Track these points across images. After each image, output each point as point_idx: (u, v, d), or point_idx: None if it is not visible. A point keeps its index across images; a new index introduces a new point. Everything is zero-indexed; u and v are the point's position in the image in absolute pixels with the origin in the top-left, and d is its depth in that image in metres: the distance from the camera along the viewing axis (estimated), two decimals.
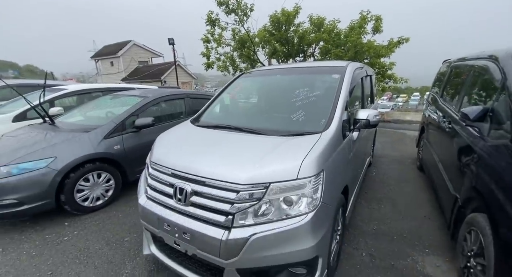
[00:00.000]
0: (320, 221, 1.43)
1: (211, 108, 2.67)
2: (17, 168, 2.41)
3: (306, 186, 1.42)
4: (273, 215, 1.39)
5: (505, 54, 1.97)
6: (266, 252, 1.35)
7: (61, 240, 2.38)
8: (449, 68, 3.56)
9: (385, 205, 2.99)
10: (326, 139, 1.69)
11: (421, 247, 2.22)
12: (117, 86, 6.04)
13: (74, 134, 2.88)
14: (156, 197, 1.72)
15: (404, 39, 8.97)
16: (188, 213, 1.53)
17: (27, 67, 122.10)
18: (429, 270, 1.96)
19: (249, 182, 1.41)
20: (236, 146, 1.79)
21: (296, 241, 1.36)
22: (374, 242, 2.30)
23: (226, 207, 1.42)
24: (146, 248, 1.88)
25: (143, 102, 3.51)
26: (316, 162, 1.47)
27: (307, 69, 2.89)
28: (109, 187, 3.05)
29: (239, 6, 9.71)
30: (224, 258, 1.38)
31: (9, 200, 2.34)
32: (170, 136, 2.18)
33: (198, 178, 1.54)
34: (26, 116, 4.27)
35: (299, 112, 2.09)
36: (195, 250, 1.48)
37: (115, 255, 2.16)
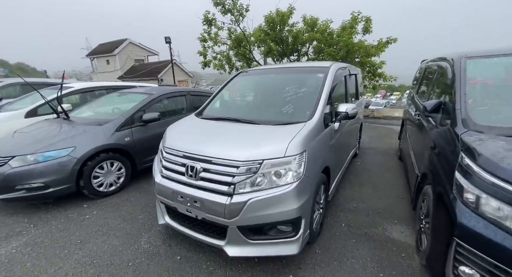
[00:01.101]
0: (302, 190, 1.83)
1: (213, 103, 3.05)
2: (42, 156, 2.75)
3: (291, 162, 1.81)
4: (266, 184, 1.78)
5: (458, 57, 2.38)
6: (260, 212, 1.74)
7: (83, 218, 2.73)
8: (423, 67, 3.99)
9: (366, 188, 3.41)
10: (309, 127, 2.09)
11: (391, 219, 2.64)
12: (119, 84, 6.33)
13: (89, 127, 3.22)
14: (170, 175, 2.09)
15: (392, 39, 9.42)
16: (198, 186, 1.91)
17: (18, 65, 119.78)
18: (395, 235, 2.38)
19: (247, 159, 1.79)
20: (236, 133, 2.17)
21: (283, 204, 1.75)
22: (353, 216, 2.71)
23: (229, 179, 1.80)
24: (161, 219, 2.25)
25: (149, 99, 3.86)
26: (300, 144, 1.87)
27: (296, 69, 3.28)
28: (120, 174, 3.40)
29: (235, 6, 10.03)
30: (228, 218, 1.76)
31: (37, 183, 2.69)
32: (179, 126, 2.56)
33: (206, 158, 1.92)
34: (37, 112, 4.57)
35: (289, 106, 2.48)
36: (204, 215, 1.86)
37: (132, 229, 2.53)
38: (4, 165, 2.66)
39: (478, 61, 2.20)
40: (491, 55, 2.22)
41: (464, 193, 1.41)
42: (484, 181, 1.33)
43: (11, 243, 2.31)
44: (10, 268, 2.00)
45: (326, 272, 1.94)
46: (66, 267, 2.00)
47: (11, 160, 2.68)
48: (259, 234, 1.84)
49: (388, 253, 2.14)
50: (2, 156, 2.72)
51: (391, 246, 2.23)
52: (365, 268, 1.98)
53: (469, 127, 1.71)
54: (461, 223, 1.35)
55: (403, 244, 2.25)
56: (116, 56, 21.85)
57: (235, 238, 1.83)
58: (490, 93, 1.93)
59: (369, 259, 2.07)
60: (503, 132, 1.58)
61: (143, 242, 2.31)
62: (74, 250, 2.20)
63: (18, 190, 2.66)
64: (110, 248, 2.23)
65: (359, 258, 2.09)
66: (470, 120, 1.75)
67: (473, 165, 1.41)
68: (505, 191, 1.23)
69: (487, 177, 1.32)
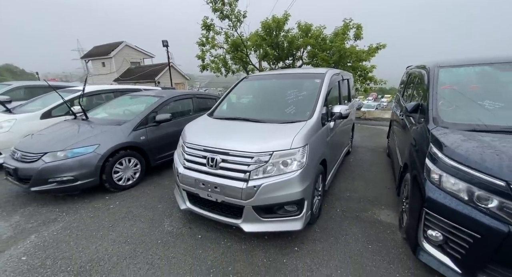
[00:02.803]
0: (305, 176, 2.22)
1: (222, 105, 3.43)
2: (71, 152, 3.07)
3: (296, 153, 2.20)
4: (275, 172, 2.16)
5: (432, 65, 2.83)
6: (271, 194, 2.12)
7: (108, 207, 3.05)
8: (408, 73, 4.47)
9: (358, 181, 3.84)
10: (310, 125, 2.49)
11: (379, 205, 3.06)
12: (125, 87, 6.61)
13: (109, 126, 3.55)
14: (192, 167, 2.46)
15: (381, 45, 10.01)
16: (218, 174, 2.28)
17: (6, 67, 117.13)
18: (382, 217, 2.80)
19: (260, 151, 2.18)
20: (248, 130, 2.56)
21: (290, 187, 2.14)
22: (346, 203, 3.12)
23: (245, 168, 2.18)
24: (183, 205, 2.61)
25: (161, 101, 4.20)
26: (303, 138, 2.27)
27: (296, 75, 3.70)
28: (136, 170, 3.73)
29: (232, 12, 10.44)
30: (244, 199, 2.14)
31: (67, 177, 3.00)
32: (196, 125, 2.93)
33: (224, 151, 2.29)
34: (51, 114, 4.85)
35: (291, 107, 2.89)
36: (223, 198, 2.23)
37: (154, 215, 2.87)
38: (38, 161, 2.96)
39: (448, 70, 2.65)
40: (458, 65, 2.68)
41: (431, 174, 1.82)
42: (445, 164, 1.75)
43: (50, 227, 2.63)
44: (56, 246, 2.32)
45: (324, 245, 2.33)
46: (105, 245, 2.33)
47: (44, 156, 2.99)
48: (270, 213, 2.22)
49: (376, 230, 2.55)
50: (35, 152, 3.03)
51: (379, 225, 2.64)
52: (356, 241, 2.38)
53: (438, 123, 2.14)
54: (429, 196, 1.76)
55: (389, 224, 2.66)
56: (112, 59, 21.97)
57: (250, 216, 2.20)
58: (456, 97, 2.37)
59: (360, 235, 2.47)
60: (462, 127, 2.01)
61: (166, 225, 2.66)
62: (107, 232, 2.53)
63: (50, 183, 2.97)
64: (138, 230, 2.57)
65: (352, 235, 2.49)
66: (439, 118, 2.18)
67: (438, 152, 1.83)
68: (459, 170, 1.65)
69: (447, 160, 1.74)
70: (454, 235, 1.61)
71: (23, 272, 2.03)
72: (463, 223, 1.56)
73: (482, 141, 1.75)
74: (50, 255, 2.22)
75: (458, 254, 1.60)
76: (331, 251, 2.25)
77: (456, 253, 1.61)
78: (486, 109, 2.11)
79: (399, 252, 2.22)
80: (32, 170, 2.94)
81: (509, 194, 1.40)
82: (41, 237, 2.48)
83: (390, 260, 2.12)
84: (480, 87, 2.41)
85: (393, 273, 1.98)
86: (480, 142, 1.74)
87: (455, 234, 1.61)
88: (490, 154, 1.58)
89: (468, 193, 1.57)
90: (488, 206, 1.48)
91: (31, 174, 2.94)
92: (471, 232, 1.51)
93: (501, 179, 1.43)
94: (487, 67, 2.51)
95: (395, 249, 2.26)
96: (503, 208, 1.43)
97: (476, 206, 1.52)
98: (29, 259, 2.18)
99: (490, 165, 1.51)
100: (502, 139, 1.74)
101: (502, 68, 2.41)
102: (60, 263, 2.12)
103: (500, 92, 2.28)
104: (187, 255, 2.20)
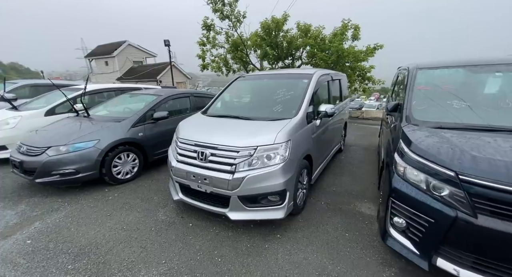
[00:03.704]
0: (287, 169, 2.40)
1: (215, 103, 3.62)
2: (73, 147, 3.28)
3: (279, 148, 2.39)
4: (259, 165, 2.35)
5: (412, 66, 3.00)
6: (255, 185, 2.31)
7: (106, 199, 3.26)
8: (397, 73, 4.63)
9: (345, 176, 4.01)
10: (294, 122, 2.67)
11: (362, 199, 3.24)
12: (126, 86, 6.84)
13: (109, 123, 3.76)
14: (184, 160, 2.65)
15: (379, 45, 10.13)
16: (207, 167, 2.48)
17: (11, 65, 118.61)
18: (363, 210, 2.97)
19: (245, 146, 2.37)
20: (236, 126, 2.75)
21: (272, 179, 2.33)
22: (331, 197, 3.30)
23: (231, 161, 2.37)
24: (176, 195, 2.80)
25: (159, 99, 4.41)
26: (286, 134, 2.45)
27: (286, 75, 3.88)
28: (134, 165, 3.93)
29: (232, 13, 10.63)
30: (230, 190, 2.33)
31: (69, 169, 3.21)
32: (189, 122, 3.13)
33: (213, 145, 2.49)
34: (55, 111, 5.07)
35: (279, 106, 3.07)
36: (212, 188, 2.43)
37: (150, 206, 3.08)
38: (42, 154, 3.18)
39: (425, 71, 2.82)
40: (435, 66, 2.84)
41: (397, 167, 2.00)
42: (409, 157, 1.92)
43: (53, 215, 2.84)
44: (58, 231, 2.54)
45: (305, 233, 2.52)
46: (103, 231, 2.54)
47: (48, 150, 3.20)
48: (254, 202, 2.41)
49: (355, 221, 2.73)
50: (40, 146, 3.25)
51: (359, 217, 2.82)
52: (335, 230, 2.56)
53: (410, 121, 2.31)
54: (394, 187, 1.94)
55: (368, 216, 2.84)
56: (115, 58, 22.27)
57: (236, 206, 2.39)
58: (429, 97, 2.53)
59: (340, 225, 2.66)
60: (430, 125, 2.18)
61: (160, 215, 2.86)
62: (106, 220, 2.74)
63: (53, 175, 3.18)
64: (134, 219, 2.78)
65: (332, 224, 2.67)
66: (412, 117, 2.35)
67: (405, 147, 2.01)
68: (420, 163, 1.82)
69: (411, 154, 1.91)
70: (414, 221, 1.79)
71: (28, 253, 2.24)
72: (421, 210, 1.73)
73: (443, 137, 1.92)
74: (53, 239, 2.43)
75: (416, 238, 1.78)
76: (311, 238, 2.44)
77: (415, 237, 1.79)
78: (453, 108, 2.28)
79: (373, 240, 2.40)
80: (36, 163, 3.16)
81: (457, 183, 1.57)
82: (45, 223, 2.69)
83: (364, 246, 2.30)
84: (451, 88, 2.57)
85: (363, 257, 2.16)
86: (440, 138, 1.91)
87: (415, 220, 1.78)
88: (445, 148, 1.75)
89: (426, 183, 1.75)
90: (441, 194, 1.65)
91: (36, 167, 3.16)
92: (427, 217, 1.69)
93: (451, 169, 1.61)
94: (460, 69, 2.67)
95: (370, 237, 2.44)
96: (453, 196, 1.60)
97: (432, 194, 1.70)
98: (33, 242, 2.39)
99: (444, 157, 1.68)
100: (460, 135, 1.91)
101: (474, 70, 2.57)
102: (61, 246, 2.33)
103: (467, 93, 2.44)
104: (178, 241, 2.40)
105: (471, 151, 1.66)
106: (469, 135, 1.88)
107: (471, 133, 1.91)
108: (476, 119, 2.09)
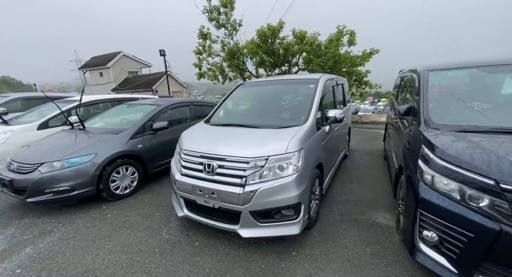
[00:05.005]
0: (301, 180, 2.23)
1: (218, 112, 3.47)
2: (68, 162, 3.07)
3: (292, 158, 2.23)
4: (271, 176, 2.18)
5: (422, 69, 2.90)
6: (267, 199, 2.13)
7: (105, 217, 3.04)
8: (400, 77, 4.56)
9: (355, 184, 3.85)
10: (304, 129, 2.52)
11: (377, 208, 3.07)
12: (122, 96, 6.65)
13: (107, 135, 3.56)
14: (189, 173, 2.47)
15: (375, 50, 10.20)
16: (214, 180, 2.29)
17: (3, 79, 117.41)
18: (380, 220, 2.80)
19: (256, 156, 2.20)
20: (244, 135, 2.59)
21: (286, 191, 2.15)
22: (344, 207, 3.13)
23: (241, 173, 2.20)
24: (180, 212, 2.60)
25: (158, 109, 4.24)
26: (298, 142, 2.29)
27: (290, 81, 3.77)
28: (134, 179, 3.72)
29: (228, 21, 10.64)
30: (241, 204, 2.14)
31: (64, 187, 2.99)
32: (193, 132, 2.95)
33: (220, 157, 2.31)
34: (48, 124, 4.85)
35: (286, 112, 2.93)
36: (220, 203, 2.24)
37: (152, 223, 2.86)
38: (34, 171, 2.96)
39: (437, 73, 2.71)
40: (447, 68, 2.74)
41: (424, 175, 1.85)
42: (436, 164, 1.78)
43: (46, 238, 2.60)
44: (52, 257, 2.30)
45: (323, 249, 2.33)
46: (102, 255, 2.31)
47: (40, 166, 2.99)
48: (267, 217, 2.22)
49: (374, 233, 2.56)
50: (31, 163, 3.03)
51: (376, 228, 2.65)
52: (354, 244, 2.38)
53: (429, 125, 2.18)
54: (422, 197, 1.78)
55: (386, 226, 2.67)
56: (110, 69, 22.13)
57: (247, 222, 2.20)
58: (445, 99, 2.42)
59: (358, 239, 2.47)
60: (451, 128, 2.05)
61: (164, 233, 2.64)
62: (104, 242, 2.51)
63: (47, 193, 2.95)
64: (136, 239, 2.56)
65: (349, 238, 2.49)
66: (430, 120, 2.22)
67: (430, 153, 1.87)
68: (450, 171, 1.68)
69: (438, 161, 1.77)
70: (448, 235, 1.63)
71: None
72: (457, 223, 1.58)
73: (472, 141, 1.79)
74: (46, 266, 2.19)
75: (453, 254, 1.61)
76: (329, 255, 2.25)
77: (451, 253, 1.62)
78: (475, 110, 2.16)
79: (397, 254, 2.22)
80: (28, 181, 2.93)
81: (498, 192, 1.43)
82: (37, 249, 2.45)
83: (388, 262, 2.12)
84: (468, 89, 2.47)
85: (391, 276, 1.97)
86: (469, 142, 1.78)
87: (450, 234, 1.62)
88: (479, 154, 1.61)
89: (460, 193, 1.60)
90: (480, 205, 1.50)
91: (27, 185, 2.93)
92: (464, 231, 1.53)
93: (490, 178, 1.46)
94: (474, 69, 2.57)
95: (393, 251, 2.27)
96: (494, 207, 1.45)
97: (468, 205, 1.55)
98: (23, 271, 2.15)
99: (479, 164, 1.54)
100: (491, 139, 1.77)
101: (489, 70, 2.48)
102: (55, 275, 2.09)
103: (487, 94, 2.34)
104: (185, 263, 2.19)
105: (508, 157, 1.52)
106: (502, 138, 1.76)
107: (503, 137, 1.78)
108: (503, 121, 1.96)
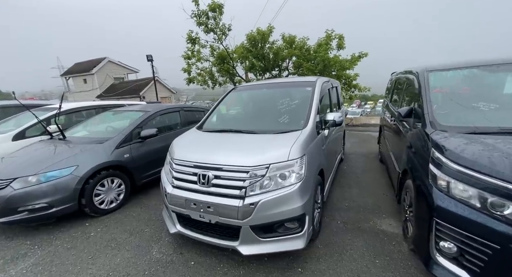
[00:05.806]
0: (304, 189, 2.07)
1: (211, 117, 3.27)
2: (44, 176, 2.77)
3: (294, 165, 2.06)
4: (273, 186, 2.00)
5: (421, 70, 2.84)
6: (270, 211, 1.95)
7: (88, 235, 2.74)
8: (393, 79, 4.54)
9: (353, 188, 3.73)
10: (305, 134, 2.37)
11: (380, 214, 2.95)
12: (107, 103, 6.31)
13: (90, 145, 3.28)
14: (181, 185, 2.25)
15: (363, 54, 10.33)
16: (210, 192, 2.09)
17: None
18: (384, 227, 2.67)
19: (255, 165, 2.02)
20: (241, 142, 2.41)
21: (289, 202, 1.98)
22: (346, 214, 2.98)
23: (240, 184, 2.01)
24: (173, 228, 2.37)
25: (145, 116, 3.99)
26: (300, 148, 2.14)
27: (286, 84, 3.63)
28: (120, 191, 3.44)
29: (217, 26, 10.51)
30: (241, 219, 1.95)
31: (40, 204, 2.69)
32: (184, 139, 2.74)
33: (216, 166, 2.12)
34: (25, 135, 4.48)
35: (284, 116, 2.78)
36: (218, 218, 2.03)
37: (141, 241, 2.60)
38: (6, 188, 2.64)
39: (437, 74, 2.65)
40: (446, 68, 2.69)
41: (437, 180, 1.73)
42: (451, 169, 1.66)
43: (19, 265, 2.29)
44: None
45: (329, 263, 2.16)
46: None
47: (13, 182, 2.67)
48: (270, 232, 2.04)
49: (381, 242, 2.42)
50: (3, 178, 2.70)
51: (383, 236, 2.51)
52: (362, 256, 2.23)
53: (436, 127, 2.08)
54: (438, 205, 1.66)
55: (392, 234, 2.54)
56: (94, 75, 21.42)
57: (248, 237, 2.01)
58: (449, 100, 2.35)
59: (365, 250, 2.32)
60: (460, 130, 1.95)
61: (154, 252, 2.39)
62: (87, 266, 2.24)
63: (21, 212, 2.64)
64: (123, 260, 2.29)
65: (356, 249, 2.34)
66: (436, 122, 2.13)
67: (442, 157, 1.75)
68: (467, 175, 1.56)
69: (453, 165, 1.66)
70: (470, 246, 1.50)
71: None
72: (479, 233, 1.45)
73: (486, 143, 1.69)
74: None
75: (476, 267, 1.48)
76: (337, 269, 2.08)
77: (474, 266, 1.49)
78: (481, 110, 2.09)
79: (409, 265, 2.08)
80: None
81: None
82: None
83: (401, 276, 1.97)
84: (472, 89, 2.41)
85: None
86: (484, 145, 1.68)
87: (471, 245, 1.49)
88: (498, 157, 1.51)
89: (481, 200, 1.48)
90: (504, 213, 1.39)
91: None
92: (488, 242, 1.41)
93: None
94: (475, 69, 2.53)
95: (404, 261, 2.13)
96: None
97: (491, 213, 1.43)
98: None
99: (501, 169, 1.43)
100: (506, 141, 1.68)
101: (490, 69, 2.44)
102: None
103: (493, 93, 2.28)
104: None
105: None
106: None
107: None
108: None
